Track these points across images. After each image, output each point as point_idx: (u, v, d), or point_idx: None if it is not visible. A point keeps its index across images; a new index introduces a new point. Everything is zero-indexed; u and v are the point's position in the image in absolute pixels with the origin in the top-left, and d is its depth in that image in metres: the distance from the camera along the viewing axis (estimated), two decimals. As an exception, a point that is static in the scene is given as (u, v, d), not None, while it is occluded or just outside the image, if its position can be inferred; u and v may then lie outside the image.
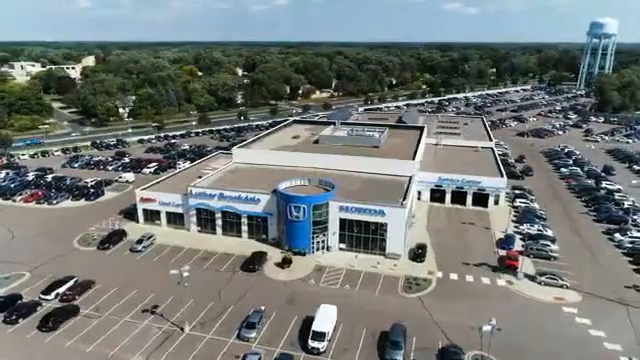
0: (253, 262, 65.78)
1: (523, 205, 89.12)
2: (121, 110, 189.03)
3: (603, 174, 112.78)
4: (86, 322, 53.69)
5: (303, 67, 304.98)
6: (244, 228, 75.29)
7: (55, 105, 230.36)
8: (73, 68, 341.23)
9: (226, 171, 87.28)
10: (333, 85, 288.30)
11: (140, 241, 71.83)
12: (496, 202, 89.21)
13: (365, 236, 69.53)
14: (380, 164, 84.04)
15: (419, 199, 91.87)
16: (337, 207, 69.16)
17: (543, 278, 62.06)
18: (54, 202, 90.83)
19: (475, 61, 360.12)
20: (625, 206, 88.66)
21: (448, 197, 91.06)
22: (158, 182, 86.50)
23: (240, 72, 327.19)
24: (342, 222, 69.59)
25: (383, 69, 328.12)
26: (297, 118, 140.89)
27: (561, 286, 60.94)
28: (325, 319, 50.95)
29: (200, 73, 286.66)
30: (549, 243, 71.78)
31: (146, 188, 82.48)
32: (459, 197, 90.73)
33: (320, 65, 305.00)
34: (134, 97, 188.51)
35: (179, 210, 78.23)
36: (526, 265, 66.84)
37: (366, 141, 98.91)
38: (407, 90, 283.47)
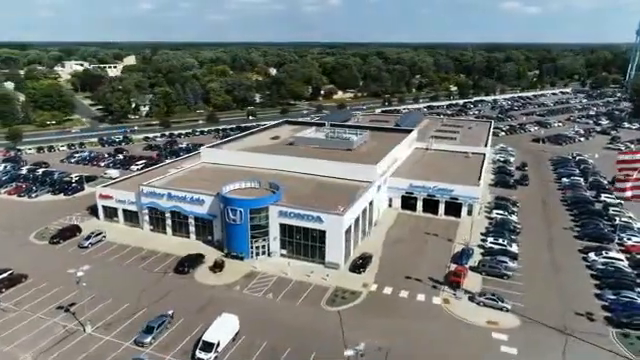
0: (184, 264, 64.66)
1: (499, 217, 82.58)
2: (142, 108, 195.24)
3: (609, 186, 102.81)
4: (1, 316, 54.62)
5: (332, 68, 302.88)
6: (192, 229, 74.44)
7: (86, 102, 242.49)
8: (115, 67, 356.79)
9: (189, 170, 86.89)
10: (360, 85, 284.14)
11: (88, 237, 72.57)
12: (469, 212, 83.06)
13: (305, 243, 66.65)
14: (341, 168, 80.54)
15: (390, 206, 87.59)
16: (277, 211, 66.72)
17: (482, 298, 56.68)
18: (33, 195, 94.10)
19: (515, 62, 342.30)
20: (616, 222, 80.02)
21: (420, 205, 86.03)
22: (125, 179, 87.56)
23: (274, 71, 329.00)
24: (283, 227, 67.09)
25: (417, 70, 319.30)
26: (289, 119, 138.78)
27: (501, 308, 55.43)
28: (220, 329, 48.84)
29: (231, 72, 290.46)
30: (506, 260, 65.66)
31: (108, 185, 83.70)
32: (432, 205, 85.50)
33: (349, 66, 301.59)
34: (150, 95, 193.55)
35: (134, 208, 78.57)
36: (475, 283, 61.76)
37: (340, 144, 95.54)
38: (435, 91, 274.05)
